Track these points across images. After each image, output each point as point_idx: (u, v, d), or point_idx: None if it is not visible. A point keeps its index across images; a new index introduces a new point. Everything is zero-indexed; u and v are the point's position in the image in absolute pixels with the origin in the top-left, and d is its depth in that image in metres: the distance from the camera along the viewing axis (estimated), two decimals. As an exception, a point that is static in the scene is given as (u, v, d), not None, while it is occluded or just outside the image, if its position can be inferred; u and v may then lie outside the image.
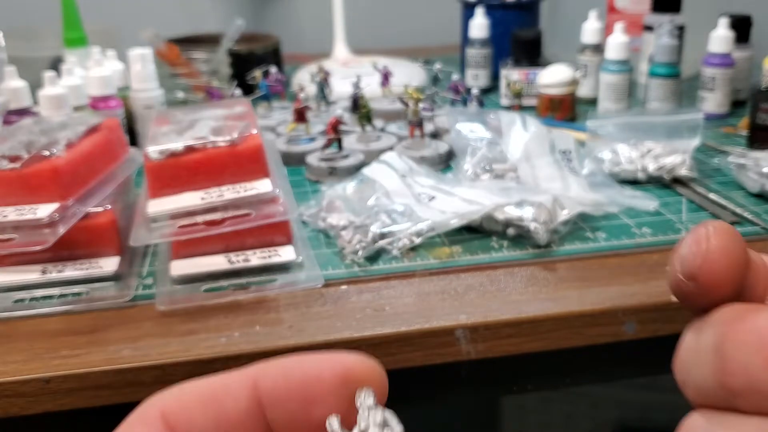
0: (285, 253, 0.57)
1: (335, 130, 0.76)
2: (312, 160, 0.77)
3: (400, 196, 0.65)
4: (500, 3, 1.11)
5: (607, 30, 1.02)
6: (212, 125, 0.59)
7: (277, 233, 0.57)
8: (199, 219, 0.54)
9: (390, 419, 0.17)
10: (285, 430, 0.18)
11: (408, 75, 1.03)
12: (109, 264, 0.57)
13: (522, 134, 0.75)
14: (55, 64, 0.89)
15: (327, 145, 0.77)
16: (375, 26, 1.45)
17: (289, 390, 0.17)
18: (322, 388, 0.17)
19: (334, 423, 0.17)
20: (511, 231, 0.60)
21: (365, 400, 0.17)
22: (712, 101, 0.92)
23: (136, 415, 0.17)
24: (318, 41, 1.34)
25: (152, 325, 0.51)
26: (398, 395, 0.53)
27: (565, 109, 0.92)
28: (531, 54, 1.00)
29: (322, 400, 0.17)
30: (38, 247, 0.52)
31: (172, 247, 0.57)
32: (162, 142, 0.56)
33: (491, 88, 1.09)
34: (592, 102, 0.99)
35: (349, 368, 0.17)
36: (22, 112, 0.78)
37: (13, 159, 0.55)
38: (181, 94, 0.90)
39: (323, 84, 0.94)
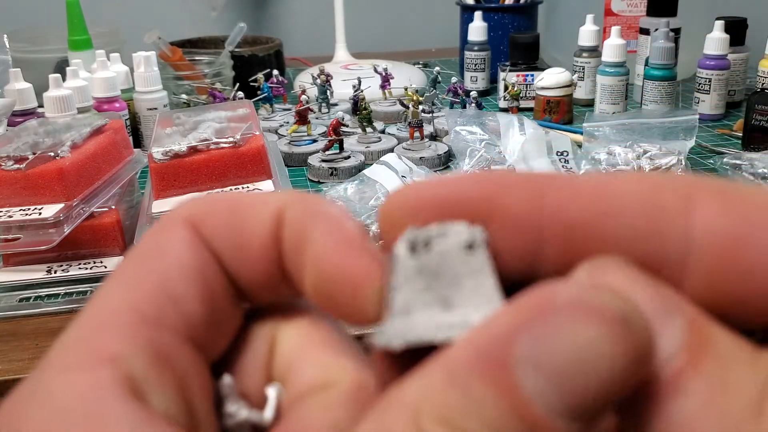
0: (286, 253, 0.57)
1: (336, 132, 0.77)
2: (313, 161, 0.78)
3: (400, 196, 0.66)
4: (498, 6, 1.12)
5: (604, 33, 1.03)
6: (215, 127, 0.60)
7: (278, 233, 0.58)
8: (203, 219, 0.54)
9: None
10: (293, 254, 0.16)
11: (408, 78, 1.04)
12: (114, 263, 0.57)
13: (519, 136, 0.75)
14: (60, 67, 0.90)
15: (328, 147, 0.78)
16: (375, 30, 1.46)
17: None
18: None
19: (226, 379, 0.17)
20: (508, 231, 0.61)
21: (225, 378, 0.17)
22: (708, 103, 0.93)
23: (164, 218, 0.17)
24: (319, 44, 1.35)
25: (156, 323, 0.51)
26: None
27: (562, 111, 0.93)
28: (528, 57, 1.01)
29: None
30: (43, 247, 0.53)
31: (176, 247, 0.58)
32: (166, 144, 0.57)
33: (489, 91, 1.09)
34: (589, 104, 1.00)
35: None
36: (28, 114, 0.79)
37: (19, 160, 0.56)
38: (184, 96, 0.90)
39: (324, 86, 0.94)
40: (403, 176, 0.70)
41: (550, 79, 0.92)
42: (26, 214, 0.54)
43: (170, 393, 0.14)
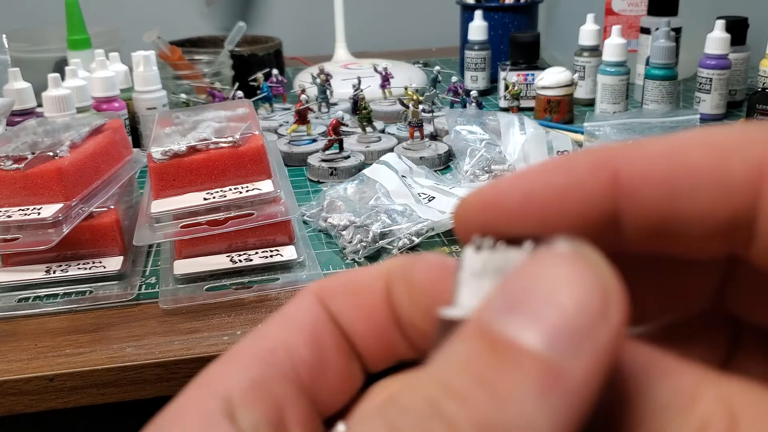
0: (286, 253, 0.57)
1: (336, 132, 0.77)
2: (313, 160, 0.78)
3: (400, 196, 0.65)
4: (498, 5, 1.12)
5: (605, 32, 1.03)
6: (215, 126, 0.59)
7: (278, 233, 0.58)
8: (202, 219, 0.54)
9: None
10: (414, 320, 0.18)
11: (408, 77, 1.04)
12: (113, 263, 0.57)
13: (520, 136, 0.75)
14: (59, 66, 0.90)
15: (328, 146, 0.78)
16: (375, 29, 1.45)
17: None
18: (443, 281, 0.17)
19: (340, 426, 0.17)
20: (509, 231, 0.60)
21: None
22: (709, 102, 0.93)
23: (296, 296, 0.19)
24: (319, 44, 1.35)
25: (155, 324, 0.51)
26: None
27: (562, 111, 0.93)
28: (529, 56, 1.00)
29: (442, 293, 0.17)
30: (42, 247, 0.53)
31: (176, 247, 0.57)
32: (165, 143, 0.56)
33: (490, 90, 1.09)
34: (590, 104, 1.00)
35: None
36: (27, 113, 0.79)
37: (18, 159, 0.56)
38: (183, 96, 0.90)
39: (324, 86, 0.94)
40: (402, 176, 0.70)
41: (550, 79, 0.92)
42: (25, 214, 0.54)
43: (260, 416, 0.16)
